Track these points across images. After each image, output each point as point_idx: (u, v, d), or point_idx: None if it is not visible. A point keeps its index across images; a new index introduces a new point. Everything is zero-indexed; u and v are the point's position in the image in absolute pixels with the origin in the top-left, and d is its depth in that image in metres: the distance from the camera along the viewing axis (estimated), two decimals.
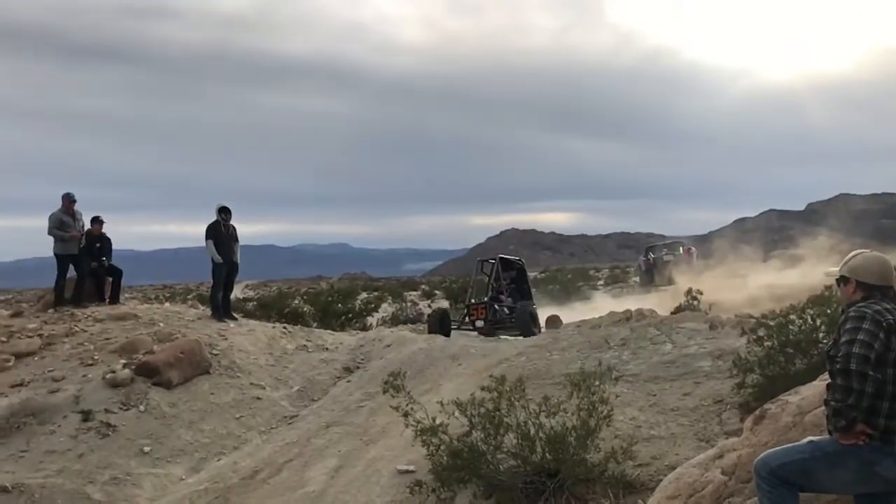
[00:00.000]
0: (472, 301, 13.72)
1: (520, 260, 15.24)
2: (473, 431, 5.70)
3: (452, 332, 13.10)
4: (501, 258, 14.45)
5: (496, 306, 13.29)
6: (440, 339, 10.75)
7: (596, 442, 5.40)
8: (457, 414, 5.76)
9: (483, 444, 5.64)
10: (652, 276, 24.63)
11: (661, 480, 4.48)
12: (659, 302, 15.77)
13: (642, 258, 27.59)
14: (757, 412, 4.09)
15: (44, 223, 13.25)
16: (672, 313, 9.76)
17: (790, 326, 6.32)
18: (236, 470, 7.45)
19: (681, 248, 26.27)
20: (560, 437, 5.43)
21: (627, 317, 9.49)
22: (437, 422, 5.77)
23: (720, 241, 31.77)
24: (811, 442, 3.20)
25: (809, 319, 6.32)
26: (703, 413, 6.44)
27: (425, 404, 6.13)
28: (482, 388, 6.02)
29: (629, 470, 5.42)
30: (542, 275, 26.43)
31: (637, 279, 26.53)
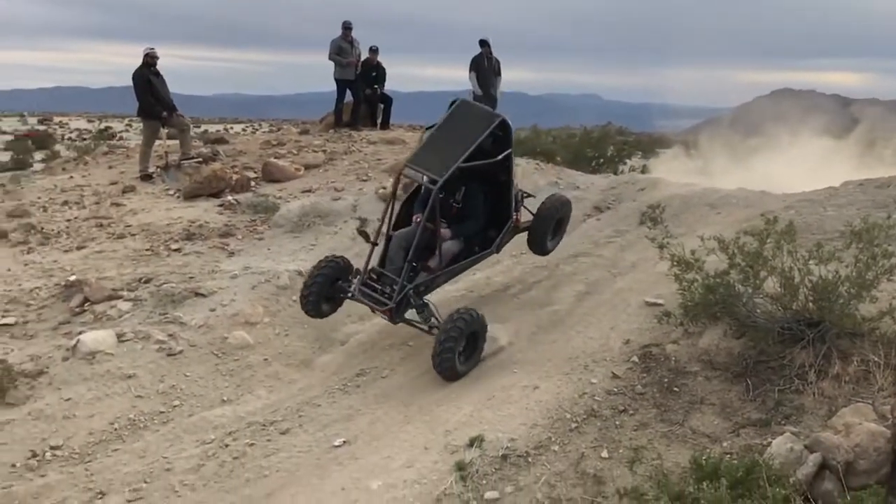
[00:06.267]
0: (374, 270, 6.52)
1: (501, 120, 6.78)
2: (732, 271, 5.53)
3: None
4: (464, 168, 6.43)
5: (413, 298, 6.34)
6: (698, 185, 10.22)
7: (872, 294, 5.00)
8: (717, 251, 5.61)
9: (741, 285, 5.48)
10: None
11: None
12: None
13: None
14: None
15: (318, 60, 14.45)
16: None
17: None
18: (489, 283, 8.02)
19: None
20: (829, 286, 5.10)
21: None
22: (695, 256, 5.67)
23: None
24: None
25: None
26: None
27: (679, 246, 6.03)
28: (745, 233, 5.77)
29: None
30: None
31: None
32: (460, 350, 6.03)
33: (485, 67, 13.04)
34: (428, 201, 6.34)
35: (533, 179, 11.85)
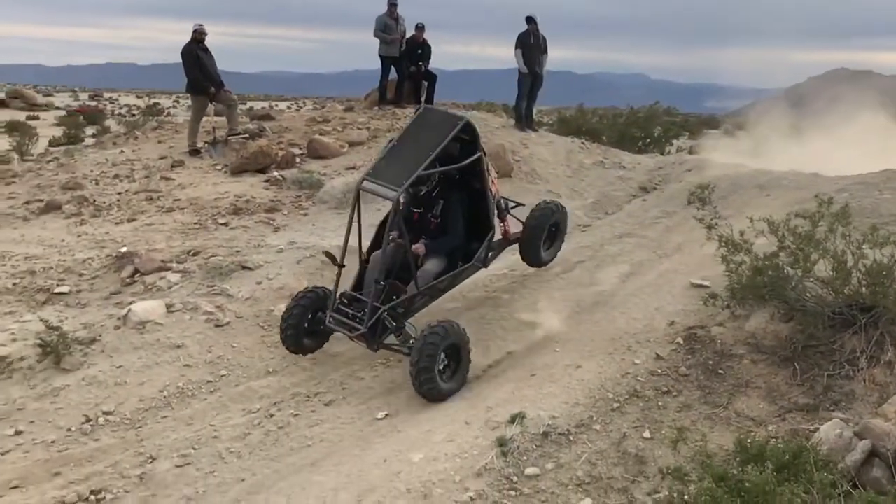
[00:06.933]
0: (345, 294, 6.10)
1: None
2: (781, 253, 5.43)
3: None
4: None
5: (388, 321, 5.84)
6: (748, 166, 10.00)
7: None
8: (766, 233, 5.50)
9: (791, 268, 5.37)
10: None
11: None
12: None
13: None
14: None
15: (363, 38, 14.42)
16: None
17: None
18: None
19: None
20: (884, 271, 4.97)
21: None
22: (743, 238, 5.58)
23: None
24: None
25: None
26: None
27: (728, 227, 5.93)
28: (796, 215, 5.66)
29: None
30: None
31: None
32: (441, 368, 5.55)
33: (531, 45, 12.84)
34: (403, 217, 6.16)
35: (578, 159, 11.78)
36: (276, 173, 10.75)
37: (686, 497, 3.42)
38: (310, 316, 6.12)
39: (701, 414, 4.78)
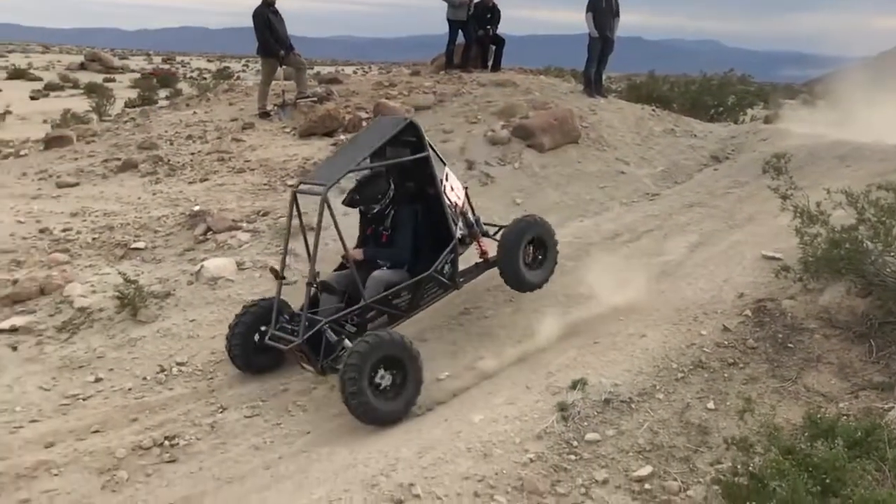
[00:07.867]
0: (287, 309, 5.89)
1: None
2: (861, 226, 5.22)
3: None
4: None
5: (329, 334, 5.41)
6: (827, 136, 9.59)
7: None
8: (844, 205, 5.30)
9: (870, 242, 5.17)
10: None
11: None
12: None
13: None
14: None
15: (430, 2, 14.27)
16: None
17: None
18: (598, 231, 7.89)
19: None
20: None
21: None
22: (820, 210, 5.39)
23: None
24: None
25: None
26: None
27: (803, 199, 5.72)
28: (878, 187, 5.43)
29: None
30: None
31: None
32: (381, 384, 5.05)
33: (602, 8, 12.48)
34: (363, 227, 6.16)
35: (648, 126, 11.50)
36: (342, 137, 10.83)
37: (751, 468, 3.37)
38: (262, 328, 5.71)
39: (768, 387, 4.68)
